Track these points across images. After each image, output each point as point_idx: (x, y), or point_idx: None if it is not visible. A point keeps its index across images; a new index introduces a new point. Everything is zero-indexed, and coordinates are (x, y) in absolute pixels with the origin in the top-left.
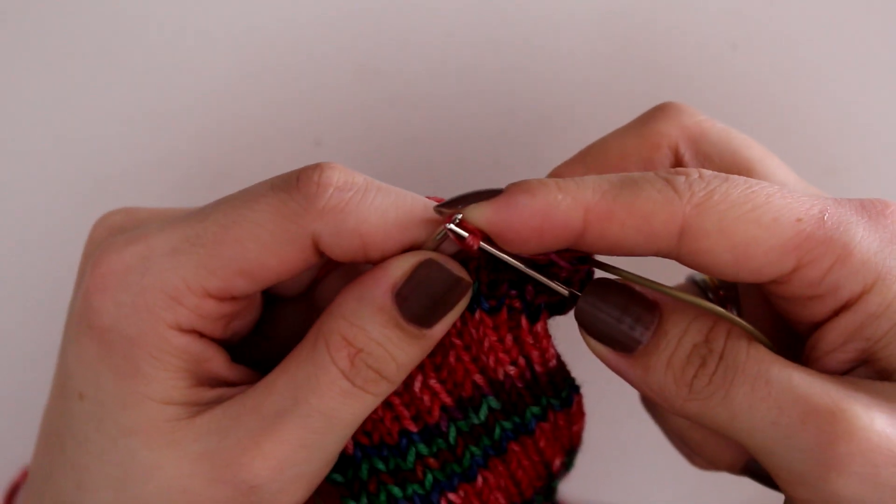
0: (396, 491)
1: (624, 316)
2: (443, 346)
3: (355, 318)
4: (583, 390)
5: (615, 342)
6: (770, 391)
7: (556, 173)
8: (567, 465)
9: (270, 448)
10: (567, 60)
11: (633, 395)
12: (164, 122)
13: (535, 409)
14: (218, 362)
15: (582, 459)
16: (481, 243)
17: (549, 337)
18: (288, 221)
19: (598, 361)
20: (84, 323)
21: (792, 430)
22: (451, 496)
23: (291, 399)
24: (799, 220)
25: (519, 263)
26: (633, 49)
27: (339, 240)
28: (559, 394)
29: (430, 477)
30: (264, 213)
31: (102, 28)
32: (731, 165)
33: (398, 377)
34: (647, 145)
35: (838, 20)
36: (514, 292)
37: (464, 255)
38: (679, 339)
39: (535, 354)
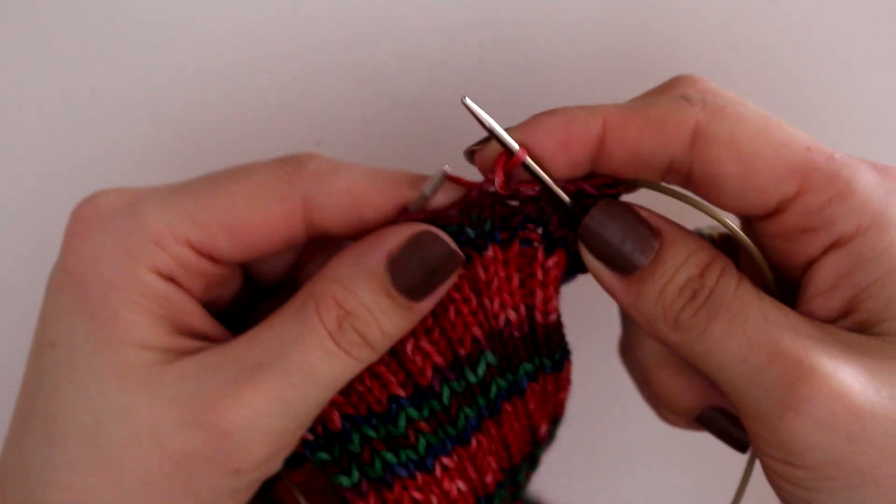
0: (390, 457)
1: (626, 238)
2: (439, 306)
3: (348, 281)
4: (582, 391)
5: (614, 263)
6: (745, 329)
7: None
8: (551, 435)
9: (248, 396)
10: (567, 60)
11: (632, 397)
12: (163, 122)
13: (528, 367)
14: (197, 316)
15: (581, 459)
16: (526, 158)
17: (557, 282)
18: (280, 181)
19: (597, 364)
20: (61, 267)
21: (759, 368)
22: (446, 460)
23: (275, 353)
24: (809, 148)
25: (548, 179)
26: (633, 49)
27: (331, 199)
28: (552, 355)
29: (423, 441)
30: (258, 174)
31: (101, 26)
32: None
33: (381, 346)
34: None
35: (838, 20)
36: (530, 225)
37: (462, 204)
38: (676, 269)
39: (539, 297)
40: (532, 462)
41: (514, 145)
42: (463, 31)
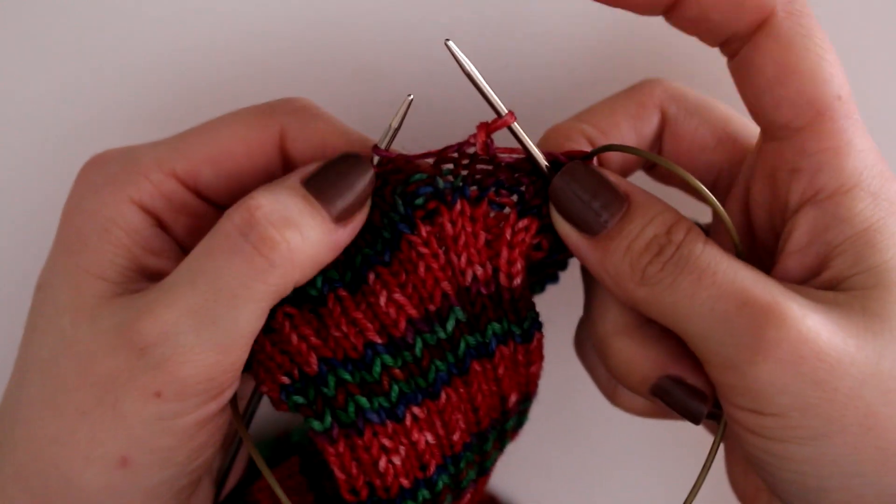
0: (363, 401)
1: (593, 200)
2: (409, 262)
3: (264, 188)
4: (581, 393)
5: (581, 222)
6: (715, 280)
7: (554, 131)
8: (522, 412)
9: (159, 311)
10: (566, 61)
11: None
12: (162, 122)
13: (496, 327)
14: (168, 261)
15: (580, 460)
16: (514, 124)
17: (524, 248)
18: (261, 112)
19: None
20: (62, 212)
21: (727, 315)
22: (416, 410)
23: (186, 268)
24: (840, 97)
25: (531, 145)
26: (633, 49)
27: (304, 134)
28: (521, 322)
29: (395, 388)
30: (243, 110)
31: (100, 24)
32: (713, 118)
33: (295, 252)
34: (634, 103)
35: (838, 20)
36: (504, 191)
37: (437, 157)
38: (642, 227)
39: (504, 258)
40: (500, 434)
41: (503, 108)
42: (463, 31)
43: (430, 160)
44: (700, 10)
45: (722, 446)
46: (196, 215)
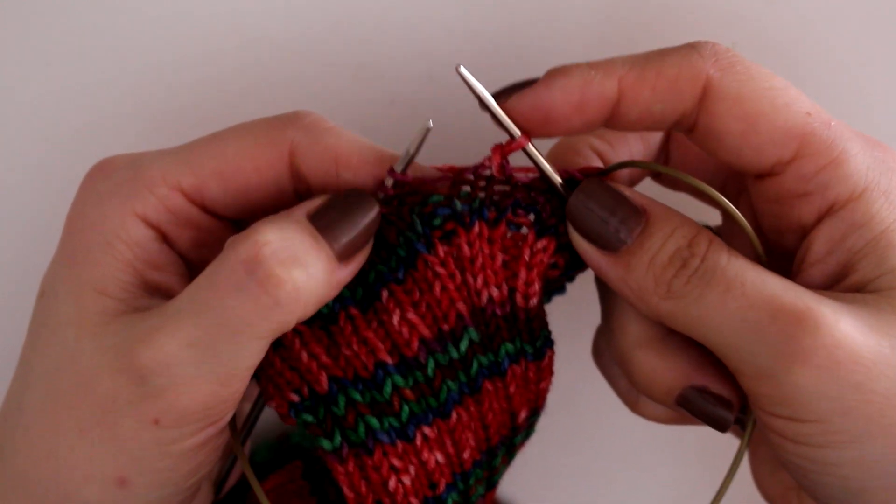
0: (374, 422)
1: (611, 217)
2: (425, 281)
3: (270, 221)
4: (581, 395)
5: (600, 240)
6: (744, 291)
7: (562, 145)
8: (530, 426)
9: (160, 340)
10: (566, 60)
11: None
12: (162, 122)
13: (510, 347)
14: (172, 275)
15: (583, 461)
16: (529, 145)
17: (542, 269)
18: (271, 127)
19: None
20: (66, 219)
21: (760, 325)
22: (427, 430)
23: (189, 298)
24: (809, 114)
25: (547, 166)
26: (633, 49)
27: (314, 150)
28: (534, 341)
29: (406, 409)
30: (253, 124)
31: (100, 24)
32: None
33: (300, 291)
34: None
35: (838, 20)
36: (521, 211)
37: (453, 179)
38: (663, 242)
39: (521, 278)
40: (509, 448)
41: (516, 131)
42: (463, 31)
43: (446, 181)
44: (639, 109)
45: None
46: (200, 228)
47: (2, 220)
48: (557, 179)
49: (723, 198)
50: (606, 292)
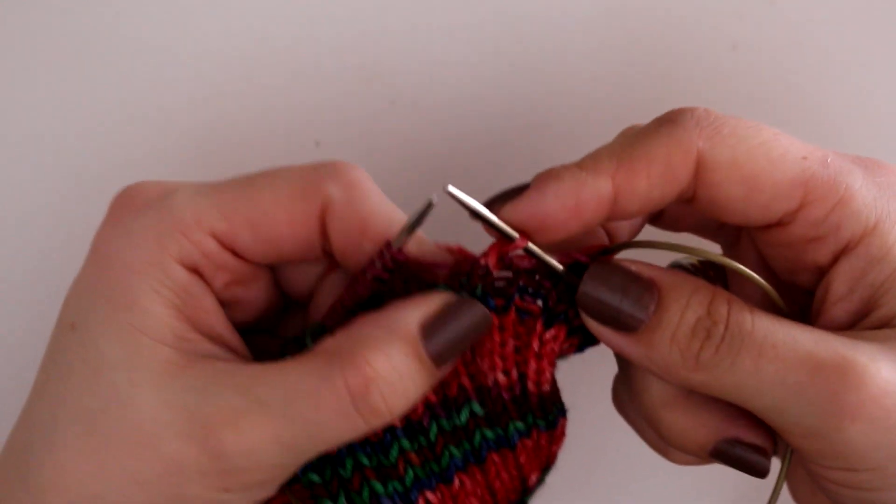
0: (378, 487)
1: (624, 298)
2: None
3: (380, 343)
4: (581, 394)
5: (617, 323)
6: (777, 353)
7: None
8: (540, 481)
9: (247, 430)
10: (567, 61)
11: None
12: (162, 122)
13: (520, 425)
14: (214, 315)
15: (579, 461)
16: (529, 244)
17: (553, 356)
18: (306, 181)
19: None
20: (91, 251)
21: (801, 386)
22: (430, 495)
23: (284, 397)
24: (805, 158)
25: (549, 259)
26: (633, 49)
27: (346, 215)
28: (547, 416)
29: (411, 473)
30: (288, 172)
31: (101, 28)
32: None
33: (399, 412)
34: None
35: (838, 20)
36: (528, 297)
37: (452, 267)
38: (681, 314)
39: (532, 368)
40: None
41: (514, 234)
42: (463, 31)
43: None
44: (639, 200)
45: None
46: (233, 271)
47: (8, 225)
48: (561, 269)
49: (740, 266)
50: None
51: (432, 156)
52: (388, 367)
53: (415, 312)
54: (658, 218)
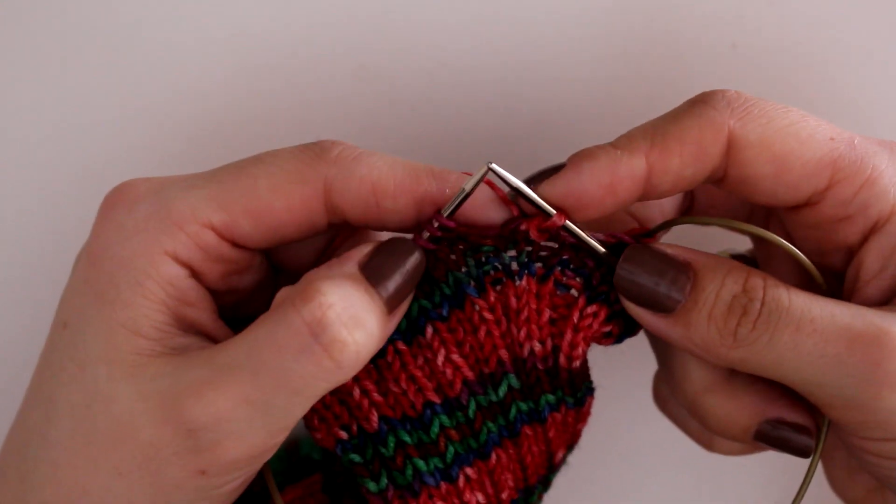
0: (421, 464)
1: (660, 280)
2: (470, 323)
3: (327, 279)
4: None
5: (654, 304)
6: (815, 327)
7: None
8: (564, 459)
9: (211, 397)
10: (567, 60)
11: (632, 400)
12: (162, 122)
13: (551, 398)
14: (203, 311)
15: (582, 461)
16: (567, 222)
17: (589, 333)
18: (302, 164)
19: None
20: (84, 249)
21: (839, 358)
22: (469, 470)
23: (245, 353)
24: (832, 139)
25: (588, 239)
26: (633, 49)
27: (350, 183)
28: (575, 393)
29: (451, 449)
30: (281, 158)
31: (101, 27)
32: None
33: (362, 354)
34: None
35: (838, 20)
36: (569, 272)
37: (499, 230)
38: (717, 292)
39: (567, 340)
40: (545, 484)
41: (551, 210)
42: (463, 31)
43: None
44: (671, 178)
45: None
46: (230, 261)
47: (5, 225)
48: (601, 250)
49: (778, 238)
50: (660, 342)
51: (432, 156)
52: (340, 295)
53: (353, 256)
54: (689, 209)
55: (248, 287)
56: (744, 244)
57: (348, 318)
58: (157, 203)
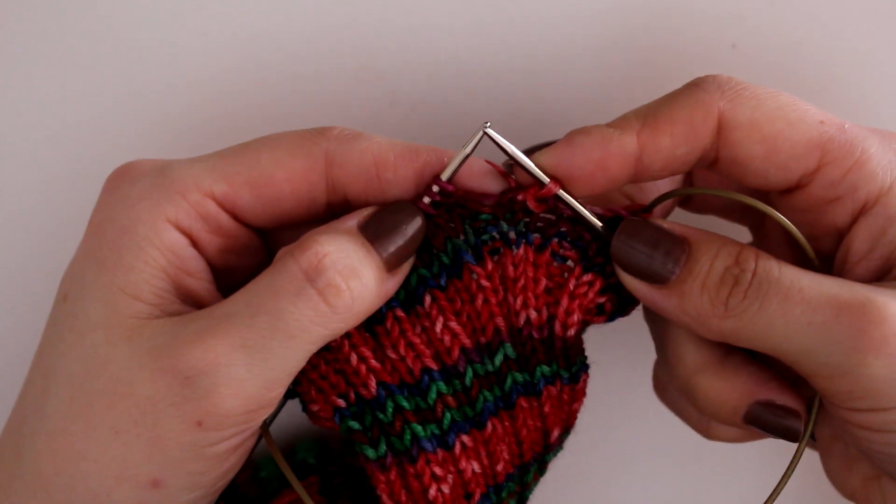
0: (419, 430)
1: (655, 251)
2: (467, 292)
3: (325, 234)
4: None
5: (649, 275)
6: (803, 296)
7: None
8: (560, 442)
9: (210, 342)
10: (567, 61)
11: (632, 399)
12: (163, 122)
13: (546, 370)
14: (201, 282)
15: (580, 459)
16: (561, 191)
17: (584, 302)
18: (303, 139)
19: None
20: (89, 222)
21: (827, 326)
22: (465, 438)
23: (244, 301)
24: (822, 122)
25: (582, 209)
26: (633, 49)
27: (352, 156)
28: (570, 367)
29: (448, 416)
30: (284, 135)
31: (101, 27)
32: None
33: (357, 303)
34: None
35: (838, 19)
36: (566, 244)
37: (497, 198)
38: (710, 264)
39: (562, 307)
40: (541, 465)
41: (545, 178)
42: (463, 31)
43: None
44: (662, 157)
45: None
46: (229, 236)
47: (5, 221)
48: (596, 222)
49: (771, 209)
50: (657, 326)
51: None
52: (337, 246)
53: (354, 216)
54: (687, 201)
55: (245, 270)
56: (744, 237)
57: (343, 267)
58: (160, 175)
